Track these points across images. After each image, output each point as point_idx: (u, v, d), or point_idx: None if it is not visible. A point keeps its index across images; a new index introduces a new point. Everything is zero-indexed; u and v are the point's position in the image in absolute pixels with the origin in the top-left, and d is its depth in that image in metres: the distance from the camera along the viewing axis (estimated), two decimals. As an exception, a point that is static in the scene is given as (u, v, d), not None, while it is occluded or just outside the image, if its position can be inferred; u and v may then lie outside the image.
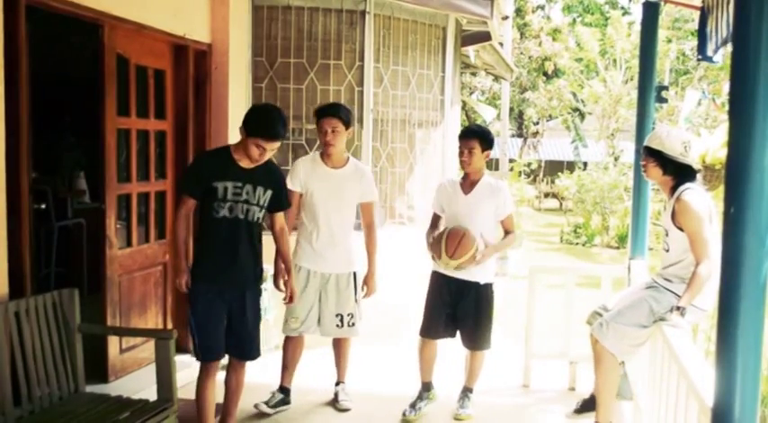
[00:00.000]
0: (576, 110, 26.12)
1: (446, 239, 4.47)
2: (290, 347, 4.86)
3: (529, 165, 20.11)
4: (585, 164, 22.41)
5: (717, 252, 3.50)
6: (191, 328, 3.93)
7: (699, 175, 4.07)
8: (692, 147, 4.03)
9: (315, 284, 4.73)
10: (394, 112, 6.66)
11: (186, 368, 4.82)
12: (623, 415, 4.79)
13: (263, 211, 4.01)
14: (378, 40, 6.44)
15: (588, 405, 4.64)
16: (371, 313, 6.19)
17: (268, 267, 5.57)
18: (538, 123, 29.04)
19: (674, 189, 3.95)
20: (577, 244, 15.57)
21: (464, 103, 19.29)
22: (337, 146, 4.65)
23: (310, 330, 4.80)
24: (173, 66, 5.39)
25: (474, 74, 23.08)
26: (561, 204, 23.24)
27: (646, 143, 4.11)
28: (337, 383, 5.08)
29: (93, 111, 4.77)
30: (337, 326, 4.81)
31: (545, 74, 27.22)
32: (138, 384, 4.55)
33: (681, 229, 3.86)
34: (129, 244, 5.01)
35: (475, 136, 4.59)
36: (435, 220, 4.83)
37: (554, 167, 28.01)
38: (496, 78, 22.35)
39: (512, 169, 17.59)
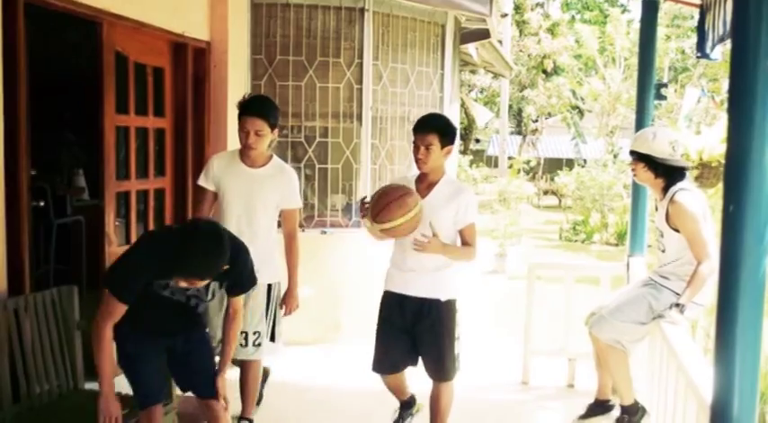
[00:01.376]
0: (576, 107, 26.15)
1: (378, 195, 3.69)
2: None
3: (528, 162, 20.10)
4: (585, 161, 22.43)
5: (715, 250, 3.52)
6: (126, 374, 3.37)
7: (688, 173, 4.06)
8: (679, 145, 4.01)
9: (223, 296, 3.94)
10: (393, 110, 6.65)
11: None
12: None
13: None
14: (377, 38, 6.44)
15: (594, 410, 4.59)
16: (368, 313, 6.21)
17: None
18: (537, 121, 29.06)
19: (665, 190, 3.94)
20: (576, 241, 15.57)
21: (462, 101, 19.28)
22: (259, 149, 4.05)
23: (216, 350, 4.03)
24: (171, 63, 5.39)
25: (473, 72, 23.07)
26: (560, 201, 23.22)
27: (632, 148, 4.06)
28: (240, 420, 4.33)
29: (91, 108, 4.77)
30: (241, 345, 4.09)
31: (544, 71, 27.26)
32: (138, 382, 4.54)
33: (676, 231, 3.86)
34: (127, 241, 5.00)
35: (433, 129, 3.75)
36: None
37: (553, 165, 28.05)
38: (496, 76, 22.36)
39: (511, 166, 17.58)
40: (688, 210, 3.76)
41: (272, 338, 4.28)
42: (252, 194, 4.11)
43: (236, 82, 5.84)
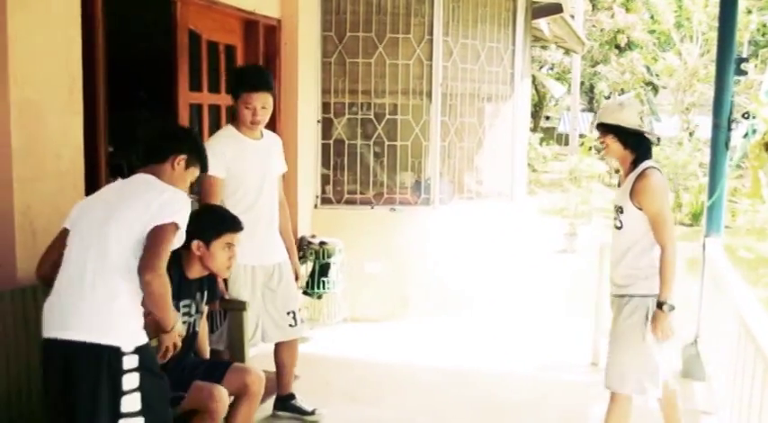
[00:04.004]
0: (650, 84, 25.48)
1: None
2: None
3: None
4: (659, 139, 21.86)
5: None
6: None
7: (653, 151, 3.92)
8: (647, 117, 3.87)
9: (259, 284, 3.90)
10: (463, 87, 6.60)
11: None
12: (695, 396, 4.70)
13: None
14: (447, 14, 6.37)
15: None
16: (435, 290, 6.24)
17: (336, 241, 5.66)
18: (609, 97, 28.46)
19: (634, 164, 3.79)
20: (649, 221, 15.23)
21: (533, 78, 19.01)
22: (264, 123, 3.90)
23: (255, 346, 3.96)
24: (243, 41, 5.45)
25: (544, 47, 22.70)
26: (633, 180, 22.71)
27: (600, 120, 3.93)
28: (292, 396, 4.18)
29: (166, 86, 4.87)
30: (291, 325, 3.99)
31: (617, 47, 26.60)
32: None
33: (639, 208, 3.70)
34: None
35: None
36: None
37: (625, 143, 27.45)
38: (567, 52, 21.96)
39: (582, 144, 17.27)
40: (657, 187, 3.62)
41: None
42: (268, 167, 3.94)
43: (307, 59, 5.87)
